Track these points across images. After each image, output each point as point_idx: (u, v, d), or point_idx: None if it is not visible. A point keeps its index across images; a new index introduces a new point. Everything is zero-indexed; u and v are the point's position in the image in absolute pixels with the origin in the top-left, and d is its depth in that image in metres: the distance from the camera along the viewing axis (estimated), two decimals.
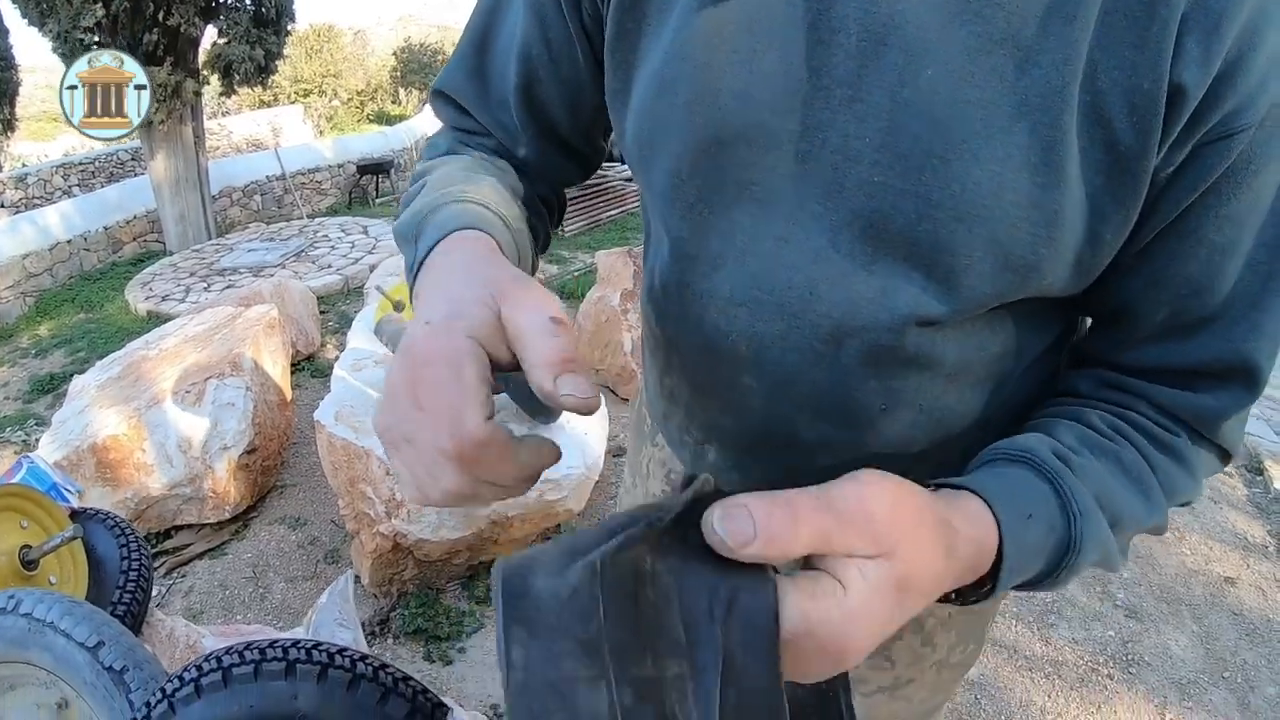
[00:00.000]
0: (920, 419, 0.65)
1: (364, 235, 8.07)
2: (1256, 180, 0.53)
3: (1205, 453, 0.63)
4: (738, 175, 0.59)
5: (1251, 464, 4.22)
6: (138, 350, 3.73)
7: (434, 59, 24.05)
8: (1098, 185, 0.53)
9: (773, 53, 0.56)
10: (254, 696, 0.84)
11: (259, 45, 7.98)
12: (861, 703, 0.91)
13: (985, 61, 0.52)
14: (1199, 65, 0.49)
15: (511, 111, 0.73)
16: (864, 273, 0.58)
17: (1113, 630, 2.75)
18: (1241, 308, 0.57)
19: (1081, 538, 0.55)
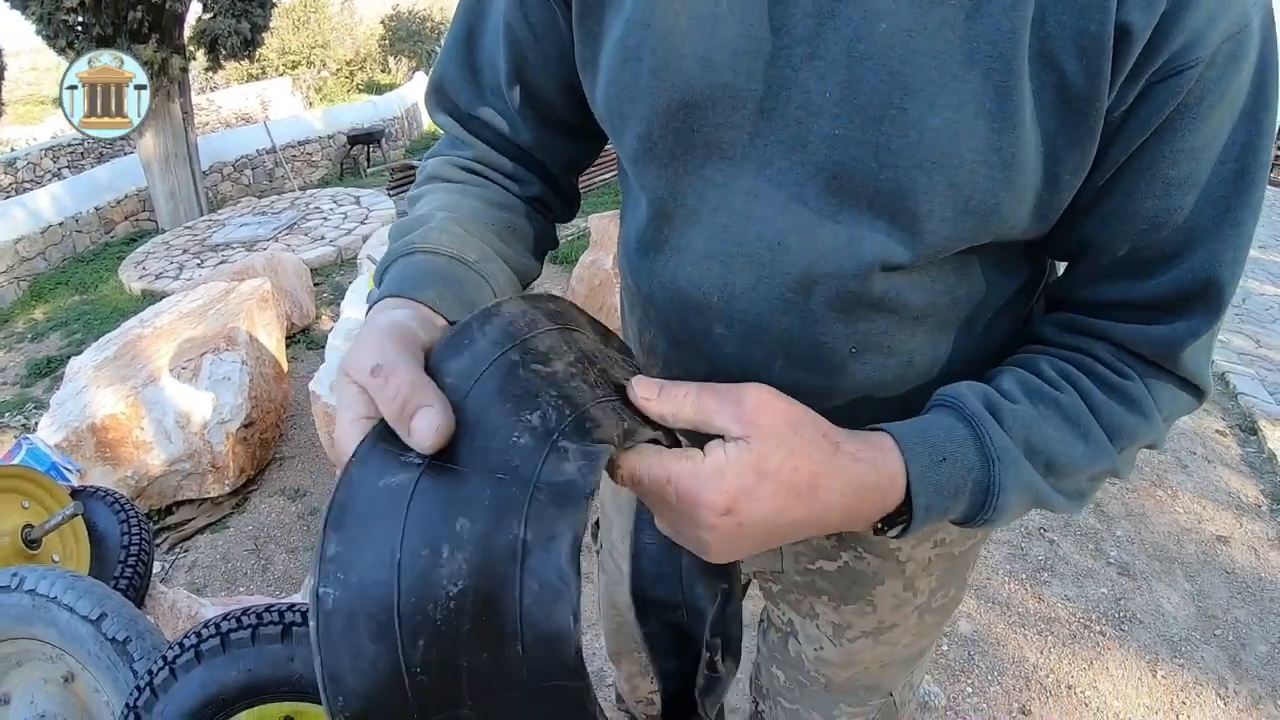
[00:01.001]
0: (890, 362, 0.66)
1: (356, 205, 8.04)
2: (1211, 115, 0.54)
3: (1166, 387, 0.64)
4: (707, 136, 0.61)
5: (1245, 424, 4.25)
6: (133, 329, 3.74)
7: (422, 26, 23.79)
8: (1052, 128, 0.54)
9: (733, 16, 0.57)
10: (252, 660, 0.85)
11: (245, 19, 7.89)
12: (846, 647, 0.93)
13: (936, 13, 0.53)
14: (1144, 5, 0.50)
15: (505, 98, 0.74)
16: (830, 222, 0.59)
17: (1105, 588, 2.79)
18: (1201, 239, 0.59)
19: (1001, 481, 0.58)
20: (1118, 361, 0.63)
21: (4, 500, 1.57)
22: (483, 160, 0.78)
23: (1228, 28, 0.52)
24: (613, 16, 0.63)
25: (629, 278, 0.76)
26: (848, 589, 0.89)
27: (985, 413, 0.59)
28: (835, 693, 0.99)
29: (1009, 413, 0.59)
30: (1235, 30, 0.52)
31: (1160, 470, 3.65)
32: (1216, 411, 4.40)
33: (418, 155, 11.86)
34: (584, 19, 0.65)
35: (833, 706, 1.00)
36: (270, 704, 0.87)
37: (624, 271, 0.78)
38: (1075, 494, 0.63)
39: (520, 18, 0.70)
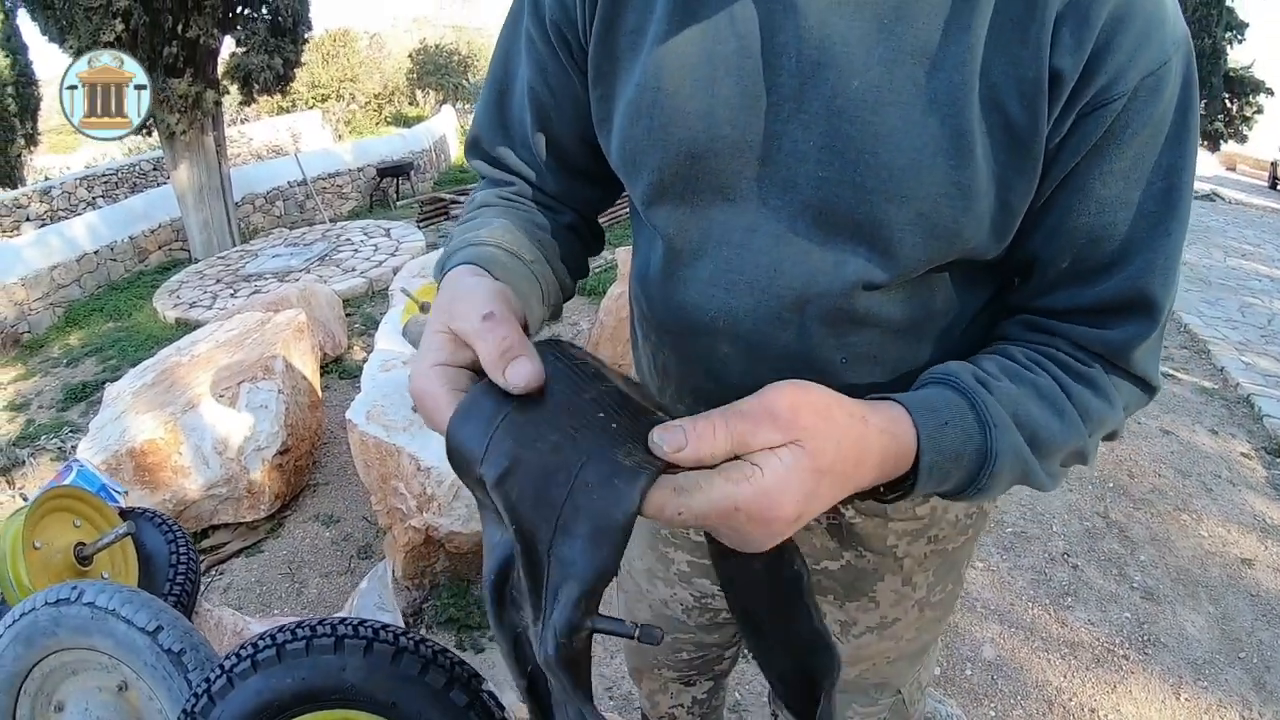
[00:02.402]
0: (877, 370, 0.75)
1: (386, 238, 8.18)
2: (1135, 141, 0.63)
3: (1123, 383, 0.71)
4: (710, 181, 0.71)
5: (1271, 447, 4.23)
6: (170, 357, 3.85)
7: (449, 60, 24.19)
8: (1001, 161, 0.63)
9: (729, 78, 0.67)
10: (305, 669, 0.92)
11: (277, 54, 8.09)
12: (853, 643, 0.99)
13: (900, 71, 0.63)
14: (1072, 52, 0.60)
15: (533, 150, 0.84)
16: (818, 250, 0.68)
17: (1128, 612, 2.79)
18: (1136, 250, 0.67)
19: (997, 446, 0.64)
20: (1081, 354, 0.70)
21: (57, 519, 1.65)
22: (521, 194, 0.86)
23: (1147, 65, 0.61)
24: (624, 81, 0.72)
25: (643, 305, 0.84)
26: (851, 586, 0.95)
27: (978, 385, 0.65)
28: (848, 692, 1.05)
29: (996, 389, 0.65)
30: (1155, 67, 0.61)
31: (1185, 495, 3.64)
32: (1242, 435, 4.39)
33: (446, 188, 12.05)
34: (598, 83, 0.75)
35: (845, 708, 1.06)
36: (322, 711, 0.93)
37: (637, 301, 0.86)
38: (1051, 474, 0.69)
39: (541, 81, 0.80)
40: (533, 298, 0.75)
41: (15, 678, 1.29)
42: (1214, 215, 14.18)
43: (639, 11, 0.70)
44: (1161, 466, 3.89)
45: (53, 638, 1.27)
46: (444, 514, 2.72)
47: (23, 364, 6.41)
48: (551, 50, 0.77)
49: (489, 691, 0.98)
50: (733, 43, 0.66)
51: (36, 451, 4.48)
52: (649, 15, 0.69)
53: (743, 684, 2.38)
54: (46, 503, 1.63)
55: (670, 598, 1.12)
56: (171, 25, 7.28)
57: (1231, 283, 8.35)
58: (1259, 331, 6.50)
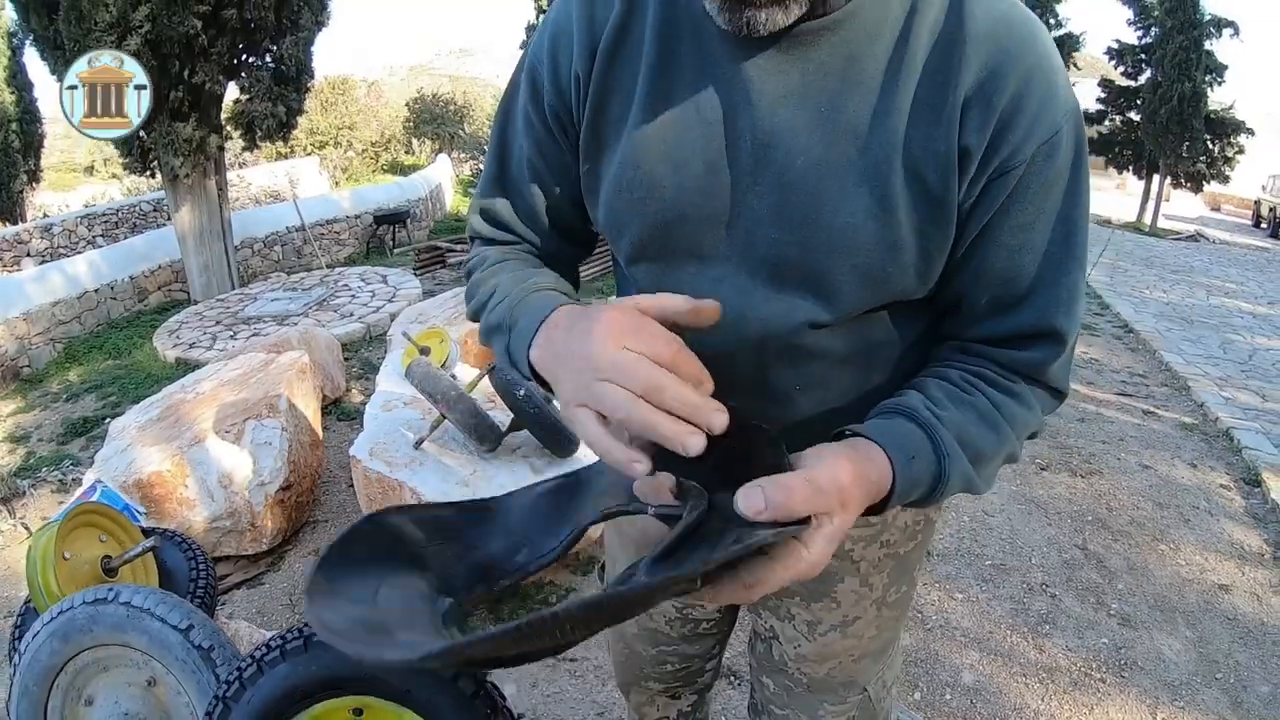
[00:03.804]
0: (827, 395, 0.89)
1: (383, 284, 8.30)
2: (1035, 198, 0.78)
3: (1041, 392, 0.86)
4: (682, 244, 0.85)
5: (1249, 477, 4.33)
6: (175, 394, 3.95)
7: (445, 110, 24.50)
8: (921, 219, 0.78)
9: (696, 159, 0.81)
10: (329, 659, 1.02)
11: (280, 102, 8.27)
12: (820, 641, 1.11)
13: (836, 149, 0.77)
14: (978, 131, 0.75)
15: (535, 219, 0.98)
16: (774, 297, 0.83)
17: (1106, 638, 2.88)
18: (1042, 288, 0.81)
19: (949, 471, 0.77)
20: (1005, 372, 0.84)
21: (85, 534, 1.75)
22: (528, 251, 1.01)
23: (1042, 135, 0.75)
24: (609, 160, 0.86)
25: None
26: (814, 587, 1.08)
27: (933, 419, 0.77)
28: (817, 692, 1.16)
29: (946, 418, 0.78)
30: (1049, 136, 0.76)
31: (1163, 526, 3.74)
32: (1221, 467, 4.50)
33: (442, 236, 12.19)
34: (587, 160, 0.89)
35: (817, 707, 1.17)
36: (343, 697, 1.03)
37: None
38: (987, 478, 0.82)
39: (538, 154, 0.94)
40: None
41: (50, 671, 1.39)
42: (1198, 256, 14.42)
43: (622, 102, 0.84)
44: (1140, 500, 4.00)
45: (89, 634, 1.37)
46: None
47: (22, 397, 6.46)
48: (548, 130, 0.91)
49: (492, 683, 1.08)
50: (699, 129, 0.81)
51: (37, 483, 4.52)
52: (630, 104, 0.83)
53: (728, 709, 2.45)
54: (75, 517, 1.74)
55: (654, 610, 1.23)
56: (178, 71, 7.44)
57: (1214, 320, 8.52)
58: (1239, 367, 6.65)
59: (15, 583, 3.59)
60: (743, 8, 0.71)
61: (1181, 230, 17.82)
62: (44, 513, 4.19)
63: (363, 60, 49.04)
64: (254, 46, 8.08)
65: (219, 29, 7.39)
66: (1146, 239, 16.11)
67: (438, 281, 8.99)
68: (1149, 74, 17.77)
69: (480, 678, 1.06)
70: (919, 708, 2.49)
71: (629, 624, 1.28)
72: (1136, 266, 12.07)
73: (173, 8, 6.91)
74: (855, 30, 0.76)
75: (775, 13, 0.71)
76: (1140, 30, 18.37)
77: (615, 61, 0.85)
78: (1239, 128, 17.60)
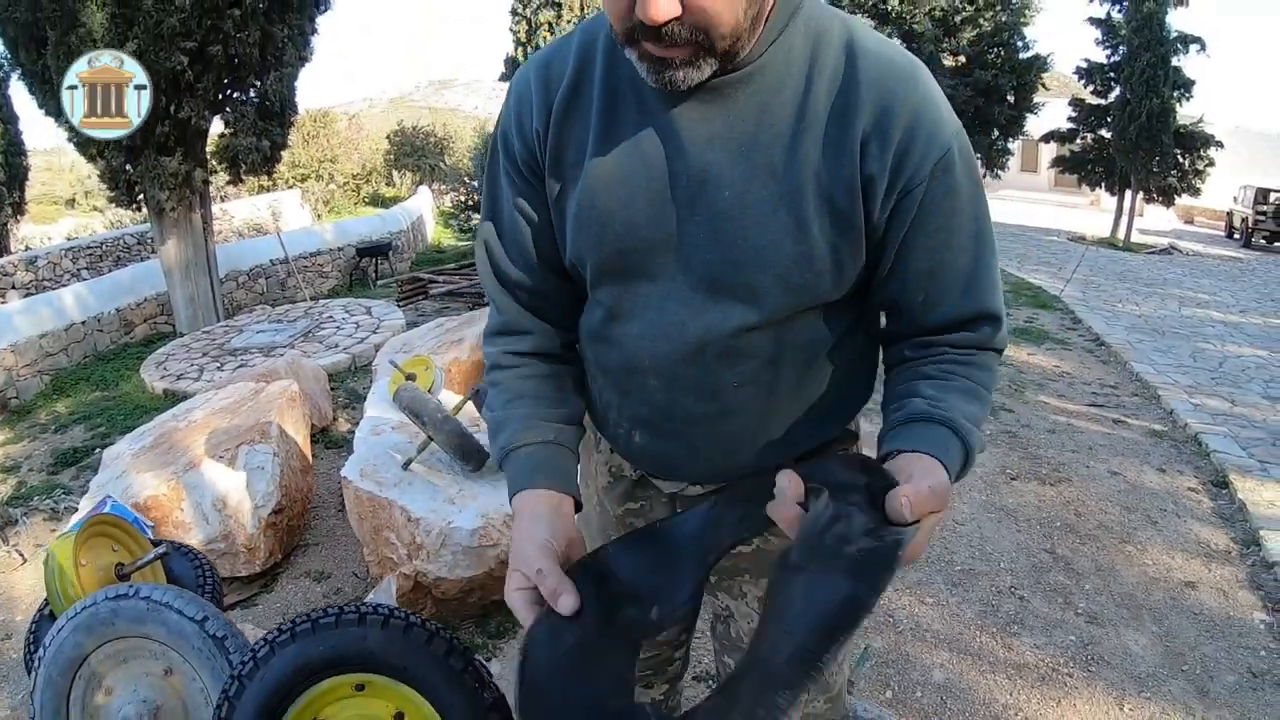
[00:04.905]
0: (761, 391, 1.04)
1: (367, 315, 8.38)
2: (942, 205, 0.94)
3: (990, 354, 1.03)
4: (635, 267, 1.01)
5: (1217, 479, 4.48)
6: (168, 422, 4.04)
7: (426, 142, 24.68)
8: (833, 236, 0.95)
9: (640, 195, 0.97)
10: (335, 639, 1.13)
11: (265, 137, 8.39)
12: None
13: (757, 182, 0.94)
14: (878, 160, 0.91)
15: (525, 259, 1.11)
16: (712, 307, 0.99)
17: (1073, 635, 2.99)
18: (966, 277, 0.99)
19: (972, 444, 0.92)
20: (962, 351, 1.01)
21: (99, 543, 1.86)
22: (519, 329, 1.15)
23: (936, 156, 0.91)
24: (570, 199, 1.02)
25: (591, 357, 1.14)
26: (761, 565, 1.22)
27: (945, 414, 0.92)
28: None
29: (951, 407, 0.93)
30: (941, 155, 0.92)
31: (1130, 528, 3.86)
32: (1190, 471, 4.64)
33: (424, 268, 12.33)
34: (556, 205, 1.05)
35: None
36: (348, 674, 1.14)
37: (587, 354, 1.16)
38: (982, 441, 0.97)
39: (524, 205, 1.09)
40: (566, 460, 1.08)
41: (73, 663, 1.50)
42: (1171, 268, 14.70)
43: (576, 151, 1.00)
44: (1108, 504, 4.13)
45: (111, 627, 1.48)
46: (432, 560, 2.90)
47: (10, 428, 6.50)
48: (524, 179, 1.06)
49: (479, 660, 1.19)
50: (642, 170, 0.97)
51: (30, 511, 4.57)
52: (583, 152, 0.99)
53: None
54: (90, 527, 1.85)
55: None
56: (165, 105, 7.53)
57: (1185, 330, 8.73)
58: (1210, 374, 6.83)
59: (10, 606, 3.67)
60: (665, 69, 0.87)
61: (1155, 244, 18.11)
62: (37, 540, 4.25)
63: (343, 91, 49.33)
64: (239, 82, 8.21)
65: (205, 65, 7.52)
66: (1120, 254, 16.39)
67: (420, 313, 9.09)
68: (1118, 92, 18.05)
69: (468, 654, 1.17)
70: (891, 705, 2.60)
71: None
72: (1110, 281, 12.31)
73: (160, 43, 7.04)
74: (764, 82, 0.93)
75: (691, 72, 0.87)
76: (1109, 49, 18.71)
77: (569, 118, 1.00)
78: (1208, 141, 17.92)
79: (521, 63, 13.66)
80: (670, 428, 1.10)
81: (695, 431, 1.08)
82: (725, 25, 0.84)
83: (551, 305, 1.15)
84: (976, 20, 13.68)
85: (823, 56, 0.93)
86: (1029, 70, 13.64)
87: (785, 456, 1.10)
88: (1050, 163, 21.77)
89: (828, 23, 0.95)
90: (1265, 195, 20.03)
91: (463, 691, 1.13)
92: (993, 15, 13.65)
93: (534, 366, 1.14)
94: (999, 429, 5.13)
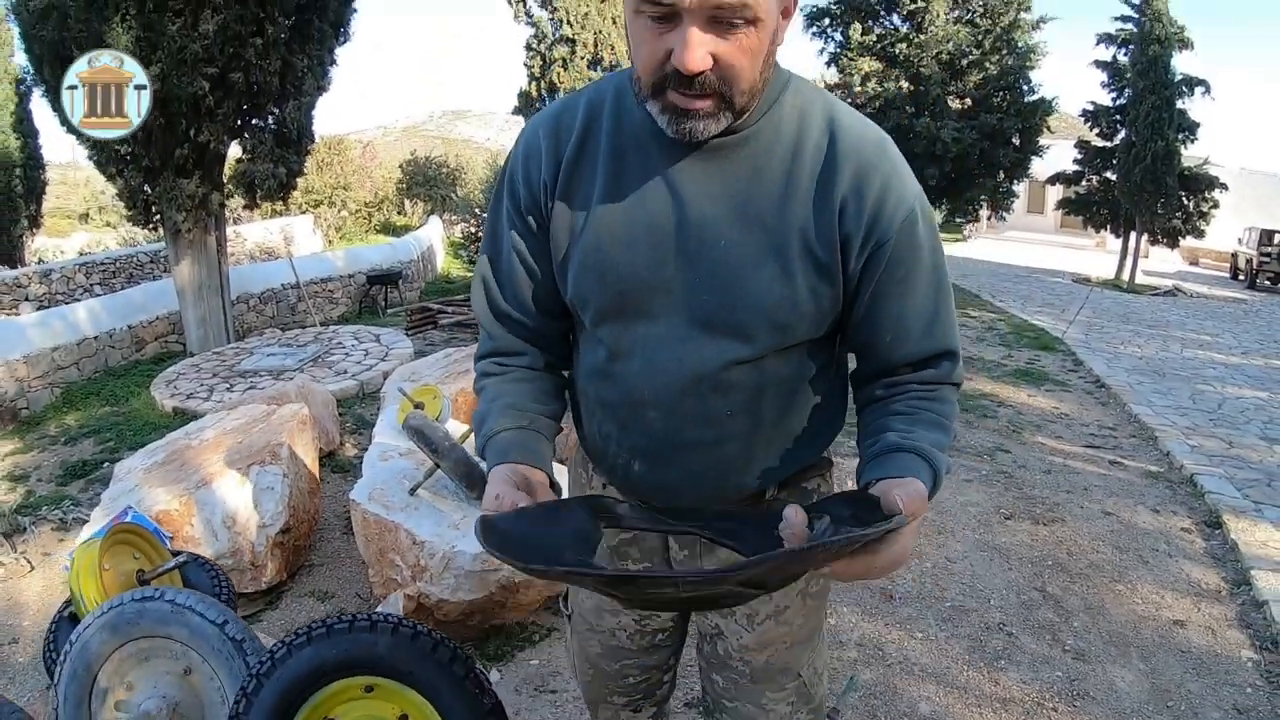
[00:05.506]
0: (748, 420, 1.15)
1: (376, 343, 8.48)
2: (907, 258, 1.09)
3: (950, 388, 1.16)
4: (636, 308, 1.12)
5: (1211, 520, 4.53)
6: (180, 440, 4.14)
7: (438, 172, 24.96)
8: (814, 281, 1.08)
9: (643, 242, 1.07)
10: (348, 644, 1.22)
11: (281, 164, 8.55)
12: (758, 630, 1.32)
13: (748, 234, 1.07)
14: (855, 220, 1.06)
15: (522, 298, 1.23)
16: (707, 344, 1.11)
17: (1060, 671, 3.04)
18: (928, 321, 1.12)
19: (939, 467, 1.03)
20: (926, 387, 1.13)
21: (121, 550, 1.98)
22: (509, 350, 1.27)
23: (902, 215, 1.05)
24: (575, 245, 1.13)
25: (591, 393, 1.25)
26: None
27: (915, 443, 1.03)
28: (760, 683, 1.36)
29: (919, 437, 1.05)
30: (906, 214, 1.05)
31: (1121, 567, 3.92)
32: (1184, 511, 4.68)
33: (433, 298, 12.47)
34: (557, 251, 1.16)
35: (760, 696, 1.37)
36: (359, 677, 1.23)
37: (586, 391, 1.27)
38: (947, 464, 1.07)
39: (523, 247, 1.20)
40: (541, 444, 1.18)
41: (98, 659, 1.60)
42: (1175, 310, 14.73)
43: (583, 201, 1.11)
44: (1100, 544, 4.18)
45: (136, 626, 1.59)
46: (435, 583, 2.98)
47: (20, 438, 6.58)
48: (526, 224, 1.17)
49: (480, 669, 1.27)
50: (644, 220, 1.08)
51: (38, 520, 4.63)
52: (590, 202, 1.10)
53: None
54: (114, 535, 1.95)
55: (616, 626, 1.43)
56: (185, 129, 7.69)
57: (1185, 372, 8.78)
58: (1208, 416, 6.88)
59: (18, 612, 3.74)
60: (686, 120, 0.98)
61: (1159, 285, 18.16)
62: (44, 549, 4.33)
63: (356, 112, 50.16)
64: (258, 109, 8.38)
65: (225, 91, 7.68)
66: (1124, 295, 16.45)
67: (429, 342, 9.21)
68: (1123, 134, 18.14)
69: (470, 662, 1.26)
70: None
71: (593, 644, 1.48)
72: (1113, 323, 12.39)
73: (182, 69, 7.21)
74: (757, 148, 1.07)
75: (710, 124, 0.99)
76: (1114, 92, 18.87)
77: (577, 170, 1.12)
78: (1212, 183, 17.97)
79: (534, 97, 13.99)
80: (668, 455, 1.19)
81: (691, 458, 1.18)
82: (746, 80, 0.97)
83: (542, 339, 1.27)
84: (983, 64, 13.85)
85: (808, 129, 1.07)
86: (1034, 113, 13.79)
87: (771, 481, 1.23)
88: (1056, 204, 21.83)
89: (811, 100, 1.09)
90: (1270, 237, 20.09)
91: (464, 696, 1.22)
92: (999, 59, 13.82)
93: (520, 373, 1.26)
94: (995, 469, 5.21)
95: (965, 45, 13.75)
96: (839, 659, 3.06)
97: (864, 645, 3.17)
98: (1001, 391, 7.31)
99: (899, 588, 3.63)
